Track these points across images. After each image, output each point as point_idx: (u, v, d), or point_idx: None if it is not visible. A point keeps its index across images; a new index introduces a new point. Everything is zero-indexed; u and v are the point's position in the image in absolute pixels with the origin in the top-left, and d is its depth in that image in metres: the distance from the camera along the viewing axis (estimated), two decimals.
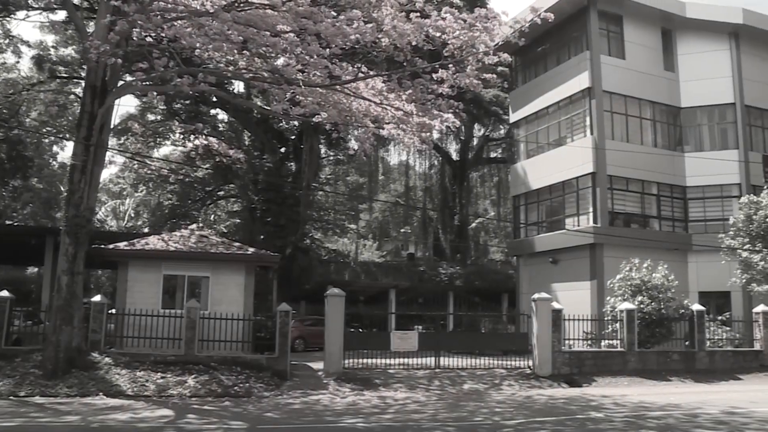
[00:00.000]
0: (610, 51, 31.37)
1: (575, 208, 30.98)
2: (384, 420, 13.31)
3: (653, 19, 32.43)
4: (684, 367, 23.06)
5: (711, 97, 32.61)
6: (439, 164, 56.94)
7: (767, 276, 25.76)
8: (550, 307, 21.46)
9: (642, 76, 31.60)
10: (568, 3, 30.33)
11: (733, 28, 32.55)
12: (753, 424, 12.87)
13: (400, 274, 43.07)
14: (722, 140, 32.81)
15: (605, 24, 31.47)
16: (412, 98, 16.10)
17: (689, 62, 32.95)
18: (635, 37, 32.00)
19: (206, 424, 12.46)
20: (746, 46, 32.97)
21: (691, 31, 33.08)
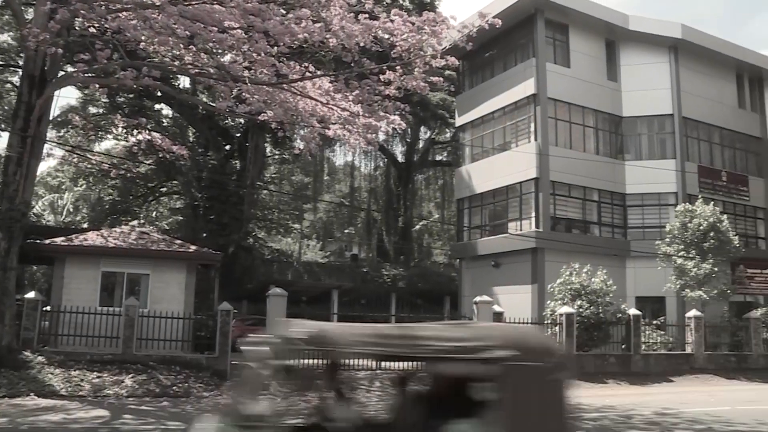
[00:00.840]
0: (556, 59, 31.91)
1: (518, 213, 31.37)
2: None
3: (598, 29, 33.10)
4: (620, 369, 23.59)
5: (651, 107, 33.46)
6: (384, 166, 57.08)
7: (700, 282, 26.56)
8: (491, 310, 21.70)
9: (586, 84, 32.22)
10: (516, 10, 30.74)
11: (673, 42, 33.47)
12: (682, 424, 13.24)
13: (343, 275, 43.01)
14: (661, 150, 33.67)
15: (552, 32, 31.99)
16: (359, 99, 16.09)
17: (631, 73, 33.74)
18: (580, 46, 32.62)
19: (143, 425, 12.22)
20: (685, 60, 33.95)
21: (633, 43, 33.88)
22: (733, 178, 35.21)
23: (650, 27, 33.49)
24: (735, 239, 27.79)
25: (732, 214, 33.67)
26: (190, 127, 42.13)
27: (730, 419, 13.66)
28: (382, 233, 55.76)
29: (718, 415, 14.24)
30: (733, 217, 33.57)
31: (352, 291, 39.13)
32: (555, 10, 31.42)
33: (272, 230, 51.66)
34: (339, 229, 67.61)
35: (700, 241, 26.77)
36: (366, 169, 60.63)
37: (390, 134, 48.65)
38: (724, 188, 34.52)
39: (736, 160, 36.48)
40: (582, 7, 31.79)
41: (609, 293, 24.52)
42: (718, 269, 26.89)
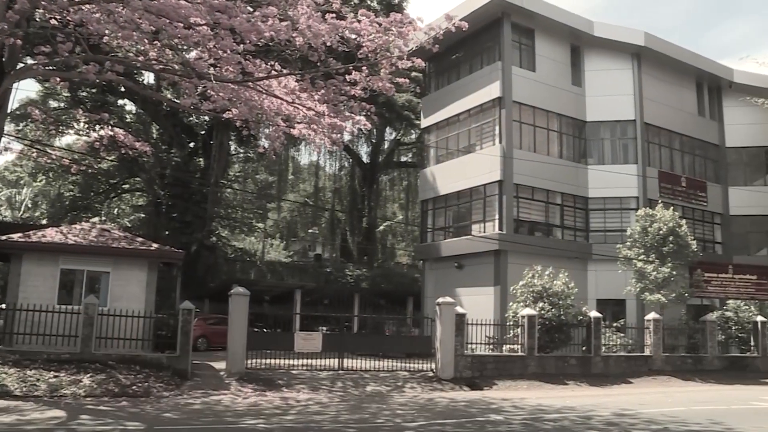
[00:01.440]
0: (522, 63, 32.17)
1: (482, 215, 31.55)
2: (285, 421, 13.21)
3: (563, 35, 33.46)
4: (581, 371, 23.85)
5: (614, 113, 33.95)
6: (349, 166, 57.11)
7: (659, 285, 26.99)
8: (453, 311, 21.76)
9: (550, 89, 32.55)
10: (483, 14, 30.96)
11: (636, 49, 34.00)
12: (640, 424, 13.43)
13: (307, 275, 42.95)
14: (623, 155, 34.15)
15: (518, 36, 32.24)
16: (325, 99, 16.06)
17: (595, 78, 34.19)
18: (546, 51, 32.94)
19: (101, 425, 12.04)
20: (647, 67, 34.55)
21: (597, 49, 34.34)
22: (692, 184, 35.87)
23: (614, 34, 33.96)
24: (693, 244, 28.27)
25: (691, 219, 34.33)
26: (154, 123, 41.73)
27: (685, 419, 13.91)
28: (346, 233, 55.77)
29: (674, 415, 14.51)
30: (692, 222, 34.23)
31: (315, 291, 39.01)
32: (521, 14, 31.67)
33: (236, 229, 51.36)
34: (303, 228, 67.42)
35: (660, 245, 27.19)
36: (331, 169, 60.63)
37: (355, 134, 48.89)
38: (683, 194, 35.14)
39: (695, 167, 37.17)
40: (548, 12, 32.10)
41: (570, 295, 24.77)
42: (677, 273, 27.35)
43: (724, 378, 25.75)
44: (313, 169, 62.60)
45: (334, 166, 59.66)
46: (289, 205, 61.47)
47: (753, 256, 36.80)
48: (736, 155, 38.75)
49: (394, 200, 65.93)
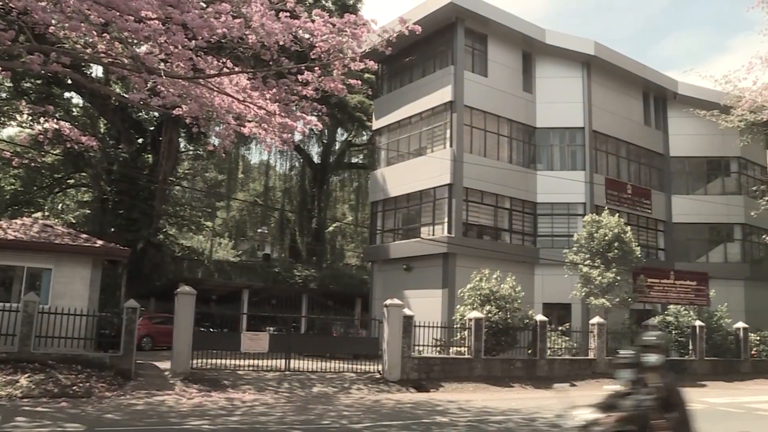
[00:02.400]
0: (474, 68, 32.42)
1: (431, 218, 31.69)
2: (230, 422, 13.08)
3: (515, 41, 33.84)
4: (526, 374, 24.12)
5: (563, 119, 34.47)
6: (300, 166, 56.91)
7: (604, 290, 27.46)
8: (401, 313, 21.81)
9: (502, 94, 32.89)
10: (437, 18, 31.13)
11: (586, 58, 34.59)
12: None
13: (255, 275, 42.59)
14: (571, 161, 34.68)
15: (471, 42, 32.49)
16: (276, 98, 15.93)
17: (546, 85, 34.68)
18: (498, 57, 33.26)
19: (38, 427, 11.73)
20: (596, 76, 35.19)
21: (549, 57, 34.83)
22: (638, 192, 36.62)
23: (565, 42, 34.48)
24: (637, 250, 28.83)
25: (635, 225, 35.07)
26: (102, 118, 40.95)
27: None
28: (295, 234, 55.52)
29: None
30: (636, 229, 34.96)
31: (263, 291, 38.73)
32: (475, 20, 31.93)
33: (184, 227, 50.69)
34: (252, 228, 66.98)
35: (605, 250, 27.66)
36: (281, 168, 60.35)
37: (306, 135, 48.73)
38: (628, 201, 35.85)
39: (641, 175, 37.98)
40: (501, 18, 32.43)
41: (517, 299, 25.03)
42: (621, 278, 27.86)
43: None
44: (263, 169, 62.22)
45: (284, 166, 59.45)
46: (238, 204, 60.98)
47: (693, 262, 37.75)
48: (680, 164, 39.75)
49: (344, 201, 65.92)
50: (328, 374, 21.46)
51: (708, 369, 29.17)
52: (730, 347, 31.06)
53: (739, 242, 39.45)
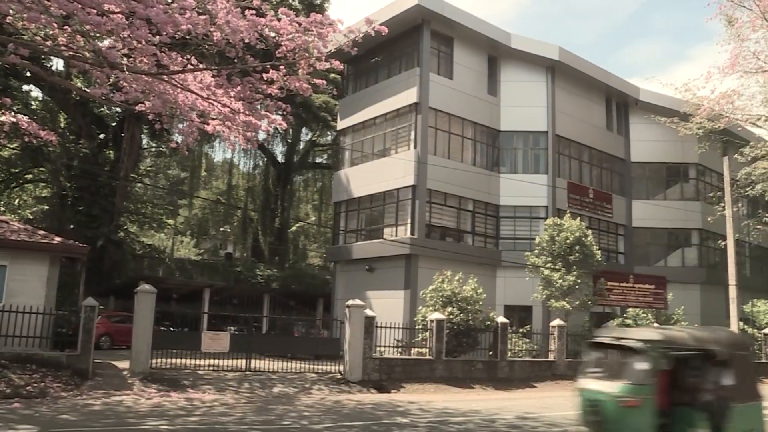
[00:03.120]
0: (439, 70, 32.53)
1: (394, 219, 31.73)
2: (190, 422, 12.95)
3: (481, 45, 34.04)
4: (487, 375, 24.27)
5: (527, 123, 34.77)
6: (263, 165, 56.59)
7: (564, 293, 27.75)
8: (363, 314, 21.80)
9: (467, 97, 33.06)
10: (403, 20, 31.18)
11: (550, 63, 34.94)
12: (541, 427, 13.79)
13: (217, 274, 42.27)
14: (534, 165, 34.99)
15: (437, 44, 32.61)
16: (241, 96, 15.80)
17: (510, 89, 34.95)
18: (464, 59, 33.43)
19: None
20: (560, 81, 35.57)
21: (514, 61, 35.11)
22: (599, 196, 37.09)
23: (530, 47, 34.77)
24: (598, 253, 29.19)
25: (596, 229, 35.52)
26: (62, 112, 40.25)
27: None
28: (258, 233, 55.16)
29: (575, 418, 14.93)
30: (597, 233, 35.42)
31: (224, 290, 38.45)
32: (441, 22, 32.05)
33: (145, 225, 50.07)
34: (214, 226, 66.44)
35: (567, 254, 27.95)
36: (245, 167, 59.90)
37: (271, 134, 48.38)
38: (590, 205, 36.30)
39: (602, 179, 38.47)
40: (467, 21, 32.59)
41: (479, 301, 25.17)
42: (581, 281, 28.18)
43: None
44: (226, 167, 61.75)
45: (248, 165, 59.01)
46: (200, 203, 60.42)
47: (652, 266, 38.38)
48: (640, 170, 40.38)
49: (308, 201, 65.68)
50: (289, 374, 21.37)
51: None
52: None
53: (696, 247, 40.20)
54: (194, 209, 63.47)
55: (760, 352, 34.08)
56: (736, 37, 34.01)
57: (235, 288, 39.54)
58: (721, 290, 36.81)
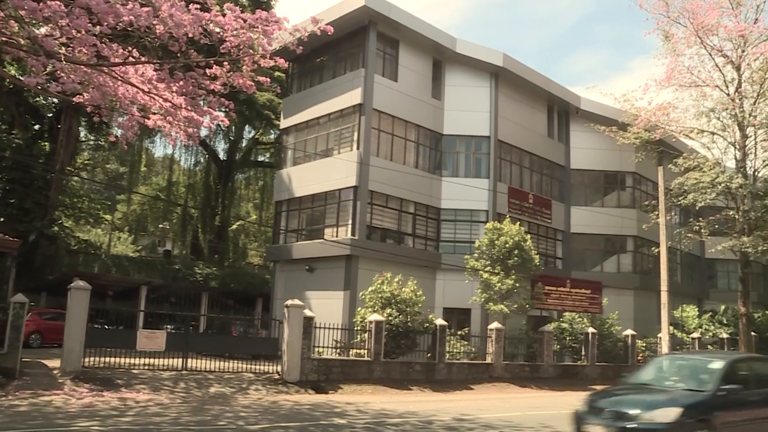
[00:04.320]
0: (384, 72, 32.56)
1: (335, 219, 31.63)
2: (122, 423, 12.67)
3: (427, 48, 34.20)
4: (425, 377, 24.39)
5: (470, 128, 35.06)
6: (205, 162, 55.89)
7: (503, 296, 28.08)
8: (302, 314, 21.68)
9: (411, 99, 33.18)
10: (350, 20, 31.12)
11: (495, 69, 35.30)
12: (478, 429, 13.90)
13: (154, 271, 41.56)
14: (476, 169, 35.30)
15: (382, 46, 32.63)
16: (183, 91, 15.56)
17: (454, 93, 35.20)
18: (409, 62, 33.54)
19: None
20: (504, 87, 35.98)
21: (458, 66, 35.36)
22: (539, 201, 37.65)
23: (475, 52, 35.06)
24: (536, 258, 29.59)
25: (535, 234, 36.05)
26: None
27: (519, 424, 14.55)
28: (197, 230, 54.45)
29: (510, 420, 15.15)
30: (536, 238, 35.95)
31: (162, 288, 37.76)
32: (387, 24, 32.10)
33: (81, 220, 48.83)
34: (153, 223, 65.34)
35: (506, 257, 28.27)
36: (186, 163, 59.10)
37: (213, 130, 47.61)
38: (530, 210, 36.81)
39: (542, 185, 39.08)
40: (413, 25, 32.70)
41: (418, 303, 25.27)
42: (520, 285, 28.53)
43: (557, 385, 27.20)
44: (167, 163, 60.80)
45: (189, 161, 58.22)
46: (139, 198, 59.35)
47: (588, 272, 39.14)
48: (579, 177, 41.17)
49: (249, 199, 65.13)
50: (226, 374, 21.12)
51: (598, 373, 30.24)
52: (619, 353, 32.32)
53: (631, 254, 41.18)
54: (133, 205, 62.31)
55: None
56: (672, 52, 35.15)
57: (172, 286, 38.89)
58: (653, 296, 37.74)
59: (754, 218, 34.00)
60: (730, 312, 39.11)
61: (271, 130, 50.91)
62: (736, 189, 33.02)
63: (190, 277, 41.92)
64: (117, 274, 39.16)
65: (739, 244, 33.54)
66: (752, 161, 35.32)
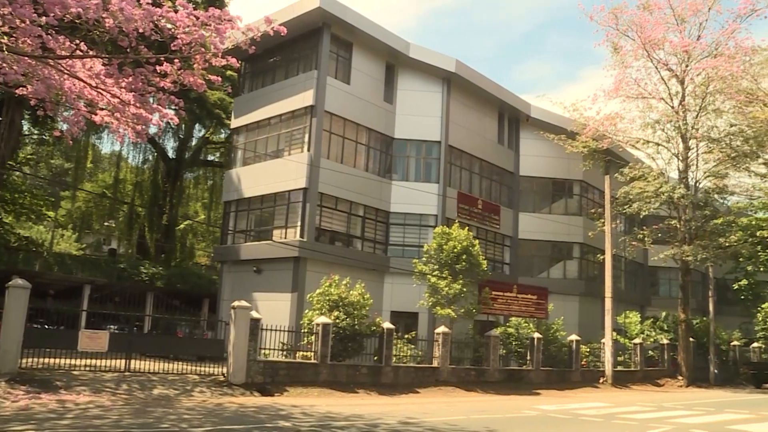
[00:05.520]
0: (337, 74, 32.53)
1: (284, 221, 31.47)
2: (60, 426, 12.35)
3: (380, 52, 34.28)
4: (371, 380, 24.37)
5: (421, 132, 35.26)
6: (153, 160, 55.01)
7: (450, 301, 28.24)
8: (248, 315, 21.48)
9: (363, 103, 33.20)
10: (304, 21, 31.02)
11: (447, 74, 35.59)
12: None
13: (98, 270, 40.80)
14: (426, 173, 35.49)
15: (336, 48, 32.59)
16: (132, 87, 15.27)
17: (406, 98, 35.36)
18: (362, 65, 33.56)
19: None
20: (455, 93, 36.30)
21: (411, 70, 35.54)
22: (488, 207, 38.03)
23: (428, 57, 35.27)
24: (484, 263, 29.83)
25: (484, 239, 36.41)
26: None
27: (464, 427, 14.61)
28: (144, 229, 53.57)
29: (455, 423, 15.20)
30: (485, 243, 36.31)
31: (106, 287, 37.05)
32: (341, 27, 32.07)
33: (22, 216, 47.61)
34: (98, 221, 64.01)
35: (454, 262, 28.43)
36: (134, 161, 58.06)
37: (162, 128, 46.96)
38: (479, 215, 37.15)
39: (492, 191, 39.49)
40: (367, 28, 32.74)
41: (366, 306, 25.24)
42: (467, 290, 28.70)
43: (502, 389, 27.44)
44: (114, 160, 59.71)
45: (137, 159, 57.20)
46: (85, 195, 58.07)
47: (535, 277, 39.68)
48: (528, 184, 41.72)
49: (198, 199, 64.34)
50: (170, 376, 20.79)
51: (543, 378, 30.62)
52: (564, 358, 32.77)
53: (577, 260, 41.88)
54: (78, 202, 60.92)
55: (630, 360, 35.86)
56: (621, 64, 36.04)
57: (117, 285, 38.17)
58: (598, 302, 38.43)
59: (695, 228, 35.00)
60: (671, 318, 40.08)
61: (222, 130, 50.42)
62: (679, 199, 33.93)
63: (135, 276, 41.23)
64: (59, 273, 38.34)
65: (680, 253, 34.46)
66: (694, 172, 36.43)
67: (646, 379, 35.39)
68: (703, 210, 35.38)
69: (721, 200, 40.17)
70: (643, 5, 34.59)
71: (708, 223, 35.59)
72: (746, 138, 35.39)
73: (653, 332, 39.09)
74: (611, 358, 32.42)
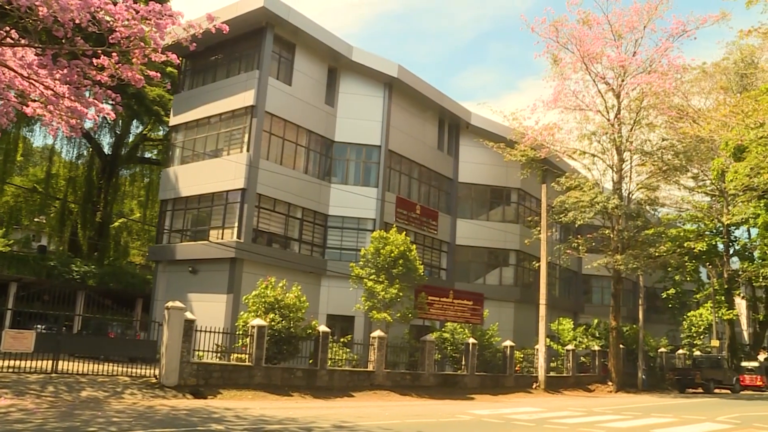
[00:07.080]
0: (279, 75, 32.33)
1: (221, 221, 31.11)
2: None
3: (323, 54, 34.20)
4: (306, 383, 24.23)
5: (361, 136, 35.32)
6: (88, 155, 53.64)
7: (386, 305, 28.31)
8: (183, 316, 21.13)
9: (304, 105, 33.07)
10: (247, 20, 30.74)
11: (389, 79, 35.71)
12: None
13: (26, 267, 39.58)
14: (365, 177, 35.53)
15: (279, 49, 32.39)
16: (67, 80, 14.90)
17: (348, 101, 35.37)
18: (304, 67, 33.42)
19: None
20: (397, 98, 36.47)
21: (353, 74, 35.57)
22: (426, 212, 38.26)
23: (371, 62, 35.35)
24: (421, 268, 29.95)
25: (421, 245, 36.64)
26: None
27: (398, 431, 14.65)
28: (76, 226, 52.20)
29: (389, 427, 15.21)
30: (422, 248, 36.53)
31: (34, 285, 36.02)
32: (284, 27, 31.88)
33: None
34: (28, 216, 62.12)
35: (390, 267, 28.50)
36: (67, 155, 56.39)
37: (98, 123, 46.18)
38: (417, 220, 37.34)
39: (430, 197, 39.77)
40: (311, 30, 32.63)
41: (302, 309, 25.08)
42: (404, 294, 28.81)
43: (437, 393, 27.59)
44: (46, 154, 58.04)
45: (71, 153, 55.57)
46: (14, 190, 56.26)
47: (472, 283, 40.07)
48: (466, 190, 42.17)
49: (134, 197, 63.03)
50: (99, 377, 20.30)
51: (477, 383, 30.90)
52: (498, 363, 33.13)
53: (513, 267, 42.50)
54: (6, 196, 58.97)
55: (562, 366, 36.52)
56: (560, 76, 36.74)
57: (46, 283, 37.14)
58: (532, 308, 39.03)
59: (627, 238, 35.89)
60: (603, 325, 40.94)
61: (160, 127, 49.59)
62: (612, 209, 34.73)
63: (66, 274, 40.16)
64: None
65: (612, 262, 35.28)
66: (627, 184, 37.37)
67: (577, 385, 36.07)
68: (636, 221, 36.30)
69: (652, 211, 41.41)
70: (583, 20, 35.34)
71: (640, 234, 36.52)
72: (677, 152, 36.61)
73: (585, 339, 39.87)
74: (544, 363, 32.92)
